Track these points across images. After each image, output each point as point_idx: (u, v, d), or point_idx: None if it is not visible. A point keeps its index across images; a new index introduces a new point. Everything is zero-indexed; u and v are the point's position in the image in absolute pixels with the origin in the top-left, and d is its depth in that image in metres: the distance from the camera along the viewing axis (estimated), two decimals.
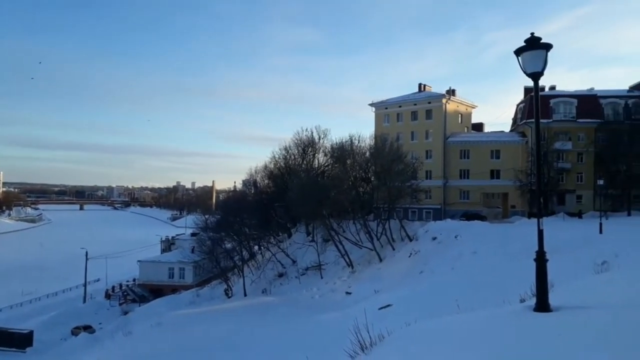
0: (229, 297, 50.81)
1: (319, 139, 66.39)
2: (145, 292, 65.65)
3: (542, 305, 6.94)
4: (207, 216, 72.11)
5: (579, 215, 54.53)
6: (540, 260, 7.17)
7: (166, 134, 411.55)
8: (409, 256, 42.09)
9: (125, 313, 54.41)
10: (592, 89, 63.21)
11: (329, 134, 76.52)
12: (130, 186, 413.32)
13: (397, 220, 50.23)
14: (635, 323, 5.90)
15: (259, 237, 60.73)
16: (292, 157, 66.50)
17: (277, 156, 67.85)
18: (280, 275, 52.93)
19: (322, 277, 47.31)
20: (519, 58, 7.05)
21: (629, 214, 52.85)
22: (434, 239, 43.26)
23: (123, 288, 70.11)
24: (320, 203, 48.14)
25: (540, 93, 60.89)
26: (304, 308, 34.52)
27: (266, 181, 71.40)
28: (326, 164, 63.84)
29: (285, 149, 66.43)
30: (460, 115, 67.96)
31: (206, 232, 61.28)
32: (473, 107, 71.30)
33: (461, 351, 5.42)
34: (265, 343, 21.96)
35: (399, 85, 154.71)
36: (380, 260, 44.77)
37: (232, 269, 58.43)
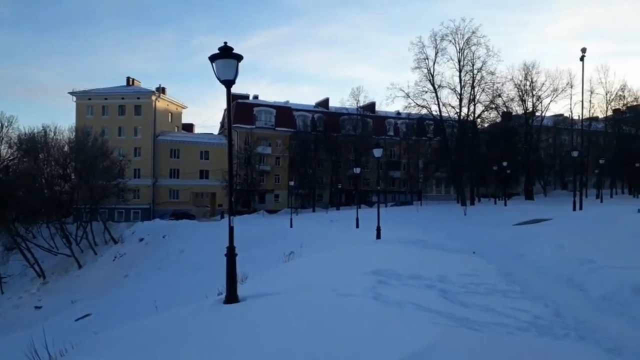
0: None
1: (2, 127, 55.56)
2: None
3: (231, 297, 7.49)
4: None
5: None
6: (230, 255, 7.69)
7: None
8: (114, 260, 39.57)
9: None
10: (287, 101, 72.21)
11: (15, 122, 64.98)
12: None
13: (100, 222, 46.43)
14: (303, 302, 6.96)
15: None
16: None
17: None
18: None
19: (2, 292, 39.78)
20: (213, 65, 7.42)
21: (313, 210, 62.46)
22: (141, 240, 41.83)
23: None
24: (3, 204, 40.46)
25: (245, 101, 66.91)
26: None
27: None
28: (11, 158, 53.90)
29: None
30: (170, 114, 67.67)
31: None
32: (184, 107, 72.04)
33: (150, 351, 5.35)
34: None
35: (105, 76, 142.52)
36: (80, 266, 40.60)
37: None
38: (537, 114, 58.20)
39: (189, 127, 75.64)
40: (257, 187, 63.36)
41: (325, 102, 73.58)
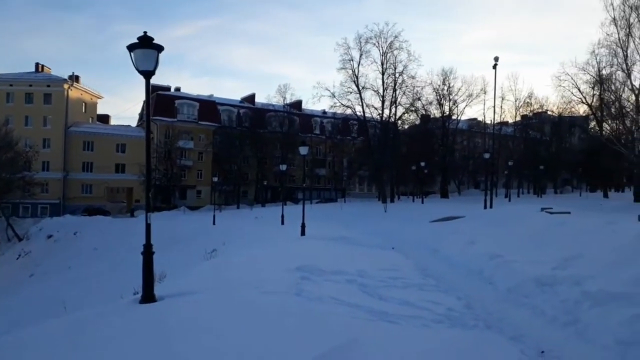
0: None
1: None
2: None
3: (148, 296, 7.19)
4: None
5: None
6: (147, 253, 7.39)
7: None
8: (17, 258, 36.72)
9: None
10: (211, 95, 70.54)
11: None
12: None
13: (3, 217, 42.77)
14: (224, 301, 6.83)
15: None
16: None
17: None
18: None
19: None
20: (132, 54, 7.06)
21: (238, 207, 61.54)
22: (50, 237, 39.22)
23: None
24: None
25: (166, 93, 64.53)
26: None
27: None
28: None
29: None
30: (84, 104, 63.70)
31: None
32: (99, 97, 68.16)
33: (54, 356, 5.00)
34: None
35: (10, 61, 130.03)
36: None
37: None
38: (453, 117, 61.48)
39: (104, 118, 71.60)
40: (178, 183, 61.33)
41: (251, 98, 72.73)
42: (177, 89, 68.19)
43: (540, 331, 6.35)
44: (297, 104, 69.24)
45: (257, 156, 64.22)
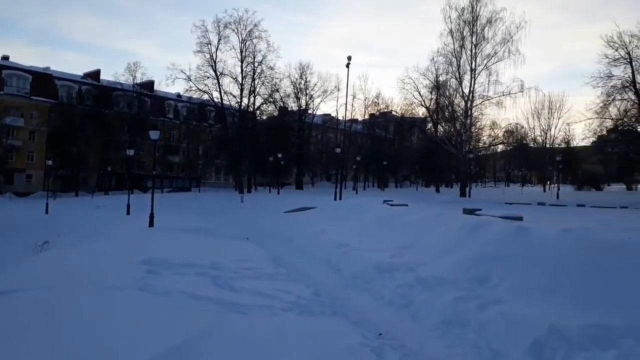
0: None
1: None
2: None
3: None
4: None
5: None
6: None
7: None
8: None
9: None
10: (48, 67, 62.78)
11: None
12: None
13: None
14: (56, 299, 6.13)
15: None
16: None
17: None
18: None
19: None
20: None
21: (77, 195, 55.86)
22: None
23: None
24: None
25: None
26: None
27: None
28: None
29: None
30: None
31: None
32: None
33: None
34: None
35: None
36: None
37: None
38: (310, 111, 63.60)
39: None
40: (4, 165, 53.60)
41: (96, 74, 66.35)
42: (6, 58, 59.35)
43: (379, 314, 6.89)
44: (149, 84, 64.97)
45: (101, 139, 58.64)
